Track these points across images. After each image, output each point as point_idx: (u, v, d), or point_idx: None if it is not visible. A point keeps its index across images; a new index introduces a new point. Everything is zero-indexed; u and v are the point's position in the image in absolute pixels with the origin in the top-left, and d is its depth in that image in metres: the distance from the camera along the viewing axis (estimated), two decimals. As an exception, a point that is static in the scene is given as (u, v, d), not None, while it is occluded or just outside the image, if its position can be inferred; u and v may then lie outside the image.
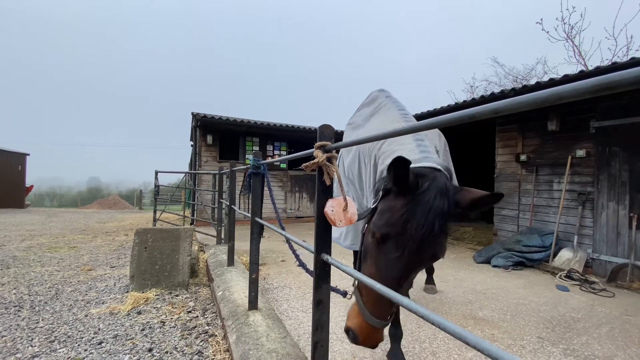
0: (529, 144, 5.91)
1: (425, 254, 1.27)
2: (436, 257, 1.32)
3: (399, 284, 1.29)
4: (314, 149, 1.37)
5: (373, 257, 1.35)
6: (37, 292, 3.65)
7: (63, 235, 7.48)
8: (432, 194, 1.26)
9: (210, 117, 8.73)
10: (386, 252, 1.29)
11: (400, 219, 1.25)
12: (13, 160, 16.27)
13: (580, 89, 0.48)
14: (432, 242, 1.24)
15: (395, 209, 1.29)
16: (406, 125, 0.96)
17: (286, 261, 5.17)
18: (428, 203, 1.24)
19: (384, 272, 1.29)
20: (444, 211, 1.24)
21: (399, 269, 1.27)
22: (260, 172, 2.63)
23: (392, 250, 1.27)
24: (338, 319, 2.96)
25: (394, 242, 1.27)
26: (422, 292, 3.82)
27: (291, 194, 10.45)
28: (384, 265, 1.30)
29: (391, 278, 1.27)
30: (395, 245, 1.26)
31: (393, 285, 1.25)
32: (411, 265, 1.28)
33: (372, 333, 1.31)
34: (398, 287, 1.28)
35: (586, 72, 4.44)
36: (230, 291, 3.10)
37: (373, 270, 1.33)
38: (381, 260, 1.31)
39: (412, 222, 1.23)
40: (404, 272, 1.28)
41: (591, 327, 3.04)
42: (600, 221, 4.85)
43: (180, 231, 4.02)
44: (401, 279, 1.29)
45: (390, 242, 1.28)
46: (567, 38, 12.08)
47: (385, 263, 1.29)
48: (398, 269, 1.27)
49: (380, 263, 1.31)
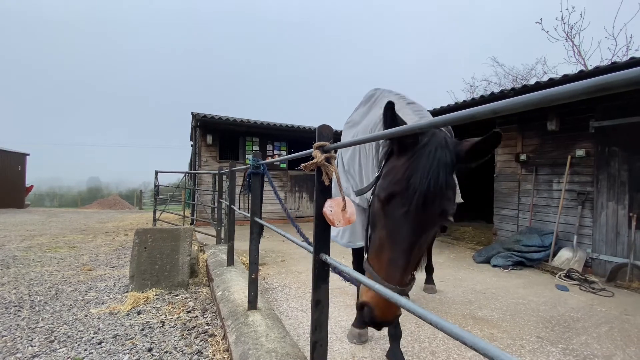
0: (529, 143, 5.91)
1: (433, 208, 1.22)
2: (446, 214, 1.26)
3: (411, 248, 1.23)
4: (312, 149, 1.37)
5: (381, 221, 1.31)
6: (37, 292, 3.66)
7: (63, 235, 7.49)
8: (433, 147, 1.25)
9: (210, 117, 8.73)
10: (394, 211, 1.25)
11: (404, 175, 1.24)
12: (13, 160, 16.27)
13: (577, 90, 0.48)
14: (438, 194, 1.20)
15: (397, 167, 1.29)
16: (406, 126, 0.95)
17: (286, 261, 5.18)
18: (429, 155, 1.24)
19: (394, 234, 1.24)
20: (446, 162, 1.23)
21: (408, 228, 1.22)
22: (259, 172, 2.64)
23: (399, 208, 1.23)
24: (338, 318, 2.96)
25: (400, 199, 1.24)
26: (422, 292, 3.82)
27: (291, 193, 10.46)
28: (393, 226, 1.25)
29: (402, 240, 1.22)
30: (401, 203, 1.23)
31: (405, 251, 1.21)
32: (421, 223, 1.22)
33: (390, 304, 1.20)
34: (410, 253, 1.23)
35: (586, 72, 4.44)
36: (229, 291, 3.11)
37: (383, 234, 1.28)
38: (390, 222, 1.26)
39: (416, 176, 1.21)
40: (415, 232, 1.23)
41: (590, 326, 3.04)
42: (600, 221, 4.85)
43: (180, 231, 4.02)
44: (412, 242, 1.23)
45: (396, 201, 1.25)
46: (567, 38, 12.09)
47: (394, 223, 1.25)
48: (408, 228, 1.22)
49: (389, 225, 1.26)
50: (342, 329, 2.78)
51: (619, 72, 0.43)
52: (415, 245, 1.24)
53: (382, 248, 1.28)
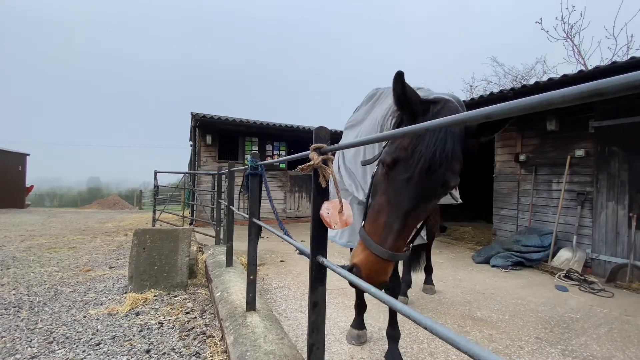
0: (528, 143, 5.91)
1: (436, 177, 1.21)
2: (447, 185, 1.24)
3: (408, 214, 1.21)
4: (310, 151, 1.36)
5: (382, 187, 1.30)
6: (36, 292, 3.65)
7: (63, 236, 7.49)
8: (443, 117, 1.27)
9: (209, 117, 8.72)
10: (396, 176, 1.25)
11: (411, 142, 1.23)
12: (13, 160, 16.27)
13: (569, 96, 0.47)
14: (443, 164, 1.19)
15: (403, 139, 1.28)
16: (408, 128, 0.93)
17: (285, 261, 5.17)
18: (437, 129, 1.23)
19: (393, 199, 1.23)
20: (455, 133, 1.22)
21: (408, 194, 1.21)
22: (258, 173, 2.63)
23: (402, 173, 1.23)
24: (336, 319, 2.96)
25: (404, 165, 1.23)
26: (421, 292, 3.82)
27: (290, 193, 10.45)
28: (393, 191, 1.25)
29: (400, 205, 1.22)
30: (405, 169, 1.22)
31: (401, 217, 1.21)
32: (422, 191, 1.21)
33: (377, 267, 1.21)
34: (406, 220, 1.22)
35: (585, 72, 4.43)
36: (228, 292, 3.10)
37: (382, 200, 1.27)
38: (390, 187, 1.26)
39: (423, 143, 1.20)
40: (414, 200, 1.21)
41: (590, 327, 3.04)
42: (600, 221, 4.84)
43: (179, 232, 4.02)
44: (410, 209, 1.21)
45: (400, 166, 1.24)
46: (567, 37, 12.07)
47: (395, 188, 1.24)
48: (408, 195, 1.21)
49: (389, 190, 1.26)
50: (340, 330, 2.78)
51: (611, 78, 0.43)
52: (413, 213, 1.23)
53: (379, 213, 1.27)
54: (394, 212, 1.22)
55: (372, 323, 2.92)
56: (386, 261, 1.21)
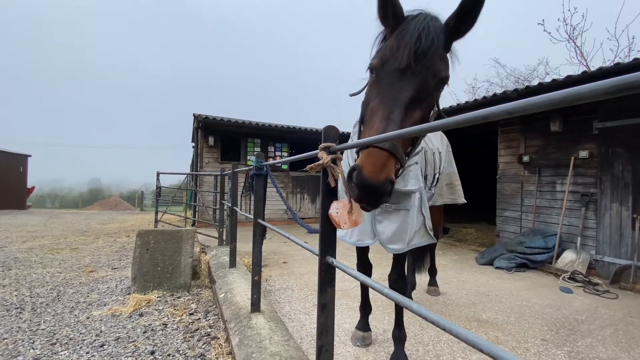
0: (532, 144, 5.89)
1: (425, 64, 1.22)
2: (438, 75, 1.25)
3: (403, 103, 1.19)
4: (318, 150, 1.35)
5: (375, 89, 1.32)
6: (39, 293, 3.64)
7: (64, 237, 7.48)
8: (422, 17, 1.31)
9: (211, 118, 8.73)
10: (386, 71, 1.27)
11: (395, 40, 1.29)
12: (15, 161, 16.30)
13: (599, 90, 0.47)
14: (428, 51, 1.22)
15: (388, 41, 1.35)
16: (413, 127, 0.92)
17: (288, 263, 5.16)
18: (418, 21, 1.28)
19: (385, 94, 1.23)
20: (435, 25, 1.27)
21: (400, 82, 1.22)
22: (263, 173, 2.62)
23: (391, 65, 1.26)
24: (341, 321, 2.95)
25: (391, 59, 1.26)
26: (425, 294, 3.80)
27: (292, 195, 10.44)
28: (385, 87, 1.25)
29: (394, 95, 1.21)
30: (393, 60, 1.25)
31: (397, 105, 1.19)
32: (413, 79, 1.22)
33: (379, 160, 1.11)
34: (402, 111, 1.19)
35: (589, 73, 4.42)
36: (232, 293, 3.09)
37: (375, 102, 1.26)
38: (382, 83, 1.27)
39: (406, 36, 1.24)
40: (407, 87, 1.21)
41: (595, 329, 3.02)
42: (604, 222, 4.82)
43: (182, 233, 4.01)
44: (405, 97, 1.20)
45: (388, 62, 1.27)
46: (569, 39, 12.07)
47: (386, 83, 1.25)
48: (400, 83, 1.22)
49: (381, 88, 1.27)
50: (345, 331, 2.77)
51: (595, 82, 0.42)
52: (409, 102, 1.20)
53: (374, 112, 1.25)
54: (389, 103, 1.21)
55: (377, 325, 2.90)
56: (388, 154, 1.13)
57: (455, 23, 1.28)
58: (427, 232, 2.32)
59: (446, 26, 1.30)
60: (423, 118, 1.29)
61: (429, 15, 1.32)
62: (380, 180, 1.10)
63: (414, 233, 2.22)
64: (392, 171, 1.16)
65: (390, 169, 1.15)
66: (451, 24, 1.29)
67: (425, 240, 2.33)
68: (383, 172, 1.11)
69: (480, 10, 1.21)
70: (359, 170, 1.11)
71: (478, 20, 1.24)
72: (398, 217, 2.16)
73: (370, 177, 1.09)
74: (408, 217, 2.16)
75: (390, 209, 2.15)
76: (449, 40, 1.32)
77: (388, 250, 2.19)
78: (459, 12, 1.25)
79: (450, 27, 1.29)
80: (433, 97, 1.32)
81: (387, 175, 1.12)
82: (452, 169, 3.47)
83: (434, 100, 1.36)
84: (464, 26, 1.28)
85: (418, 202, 2.25)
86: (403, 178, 2.06)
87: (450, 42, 1.34)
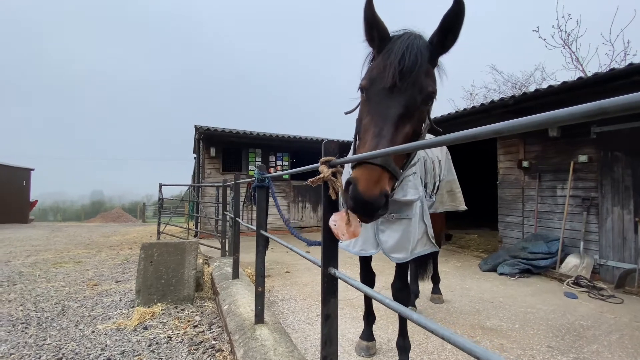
0: (531, 150, 5.93)
1: (411, 80, 1.28)
2: (425, 90, 1.31)
3: (392, 119, 1.25)
4: (319, 164, 1.40)
5: (364, 111, 1.38)
6: (44, 308, 3.66)
7: (68, 250, 7.50)
8: (405, 36, 1.38)
9: (213, 129, 8.83)
10: (374, 90, 1.34)
11: (381, 60, 1.36)
12: (17, 175, 16.42)
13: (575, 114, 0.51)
14: (413, 68, 1.28)
15: (375, 61, 1.42)
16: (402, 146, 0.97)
17: (290, 272, 5.16)
18: (402, 41, 1.35)
19: (375, 112, 1.29)
20: (419, 44, 1.33)
21: (389, 99, 1.28)
22: (265, 185, 2.66)
23: (378, 84, 1.32)
24: (345, 331, 2.95)
25: (379, 79, 1.32)
26: (429, 302, 3.79)
27: (294, 204, 10.47)
28: (374, 104, 1.32)
29: (383, 112, 1.27)
30: (381, 79, 1.31)
31: (387, 122, 1.24)
32: (401, 95, 1.28)
33: (373, 175, 1.15)
34: (392, 126, 1.24)
35: (584, 79, 4.48)
36: (236, 305, 3.10)
37: (366, 121, 1.32)
38: (372, 102, 1.33)
39: (391, 57, 1.31)
40: (395, 104, 1.27)
41: (601, 334, 3.01)
42: (606, 226, 4.82)
43: (185, 245, 4.03)
44: (393, 113, 1.25)
45: (375, 82, 1.34)
46: (564, 45, 12.21)
47: (376, 101, 1.32)
48: (388, 100, 1.28)
49: (371, 106, 1.33)
50: (349, 342, 2.77)
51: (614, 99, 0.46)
52: (398, 118, 1.26)
53: (366, 130, 1.31)
54: (379, 120, 1.27)
55: (381, 334, 2.90)
56: (381, 169, 1.18)
57: (438, 39, 1.34)
58: (430, 240, 2.35)
59: (430, 43, 1.37)
60: (414, 132, 1.34)
61: (413, 34, 1.39)
62: (375, 195, 1.13)
63: (416, 241, 2.25)
64: (387, 185, 1.20)
65: (384, 183, 1.19)
66: (435, 40, 1.35)
67: (428, 248, 2.36)
68: (377, 187, 1.15)
69: (460, 25, 1.28)
70: (355, 185, 1.16)
71: (460, 35, 1.30)
72: (400, 226, 2.19)
73: (364, 192, 1.13)
74: (410, 226, 2.19)
75: (392, 218, 2.18)
76: (434, 56, 1.38)
77: (391, 259, 2.22)
78: (441, 29, 1.31)
79: (434, 43, 1.35)
80: (422, 111, 1.37)
81: (381, 190, 1.16)
82: (452, 176, 3.50)
83: (424, 114, 1.41)
84: (447, 41, 1.34)
85: (419, 210, 2.28)
86: (402, 188, 2.09)
87: (436, 57, 1.40)
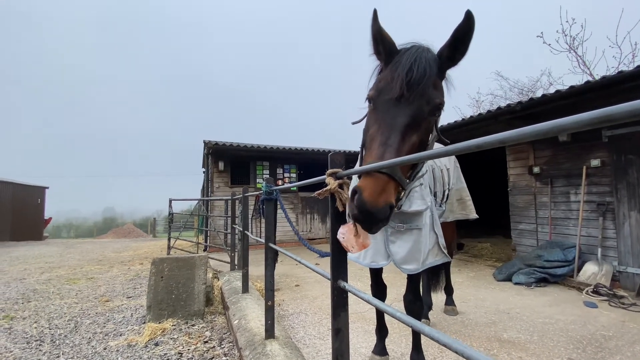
0: (541, 155, 5.84)
1: (418, 92, 1.29)
2: (432, 102, 1.32)
3: (399, 129, 1.26)
4: (325, 175, 1.40)
5: (372, 118, 1.39)
6: (57, 325, 3.69)
7: (81, 267, 7.60)
8: (414, 49, 1.39)
9: (221, 144, 8.96)
10: (382, 100, 1.35)
11: (389, 72, 1.37)
12: (33, 194, 16.87)
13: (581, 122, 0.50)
14: (421, 80, 1.29)
15: (383, 73, 1.44)
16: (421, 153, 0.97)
17: (300, 285, 5.11)
18: (410, 54, 1.37)
19: (382, 120, 1.31)
20: (427, 56, 1.35)
21: (396, 109, 1.29)
22: (273, 197, 2.67)
23: (386, 94, 1.33)
24: (357, 345, 2.89)
25: (386, 90, 1.34)
26: (443, 314, 3.70)
27: (302, 215, 10.46)
28: (381, 114, 1.33)
29: (390, 122, 1.28)
30: (387, 92, 1.33)
31: (394, 132, 1.25)
32: (407, 106, 1.28)
33: (379, 185, 1.15)
34: (398, 136, 1.25)
35: (592, 83, 4.43)
36: (246, 319, 3.08)
37: (374, 130, 1.33)
38: (379, 112, 1.35)
39: (399, 69, 1.33)
40: (402, 114, 1.28)
41: (624, 345, 2.88)
42: (624, 232, 4.67)
43: (195, 259, 4.05)
44: (400, 123, 1.27)
45: (383, 93, 1.35)
46: (570, 49, 12.13)
47: (383, 110, 1.33)
48: (395, 110, 1.29)
49: (378, 115, 1.34)
50: (362, 356, 2.71)
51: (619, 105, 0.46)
52: (405, 128, 1.27)
53: (372, 139, 1.32)
54: (386, 129, 1.28)
55: (394, 348, 2.83)
56: (387, 178, 1.18)
57: (448, 52, 1.36)
58: (441, 250, 2.31)
59: (439, 56, 1.38)
60: (421, 142, 1.35)
61: (421, 47, 1.41)
62: (379, 205, 1.13)
63: (427, 252, 2.21)
64: (392, 195, 1.20)
65: (390, 194, 1.19)
66: (444, 53, 1.37)
67: (440, 259, 2.32)
68: (382, 197, 1.15)
69: (470, 39, 1.29)
70: (360, 193, 1.16)
71: (469, 49, 1.31)
72: (411, 236, 2.16)
73: (368, 201, 1.13)
74: (421, 236, 2.16)
75: (403, 228, 2.16)
76: (443, 69, 1.39)
77: (403, 270, 2.18)
78: (452, 42, 1.33)
79: (443, 56, 1.37)
80: (429, 122, 1.38)
81: (386, 200, 1.16)
82: (461, 184, 3.46)
83: (432, 125, 1.41)
84: (457, 54, 1.35)
85: (430, 220, 2.25)
86: (408, 199, 2.08)
87: (444, 70, 1.41)
